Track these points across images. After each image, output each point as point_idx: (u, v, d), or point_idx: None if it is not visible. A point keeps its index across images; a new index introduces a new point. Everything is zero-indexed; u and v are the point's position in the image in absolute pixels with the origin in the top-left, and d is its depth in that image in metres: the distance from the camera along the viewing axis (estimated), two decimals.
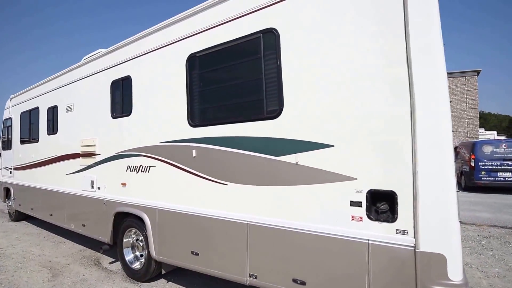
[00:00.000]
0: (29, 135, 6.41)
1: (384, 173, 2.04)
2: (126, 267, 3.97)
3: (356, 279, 2.13)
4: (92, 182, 4.47)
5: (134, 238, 4.02)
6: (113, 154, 4.13)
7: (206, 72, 3.04)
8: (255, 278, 2.60)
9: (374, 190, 2.08)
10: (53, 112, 5.56)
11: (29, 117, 6.41)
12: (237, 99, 2.81)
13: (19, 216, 7.34)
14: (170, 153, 3.34)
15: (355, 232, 2.14)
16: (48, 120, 5.71)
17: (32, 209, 6.20)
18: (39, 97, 6.05)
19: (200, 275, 3.90)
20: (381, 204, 2.06)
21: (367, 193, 2.10)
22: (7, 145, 7.49)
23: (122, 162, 3.97)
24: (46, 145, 5.72)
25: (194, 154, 3.09)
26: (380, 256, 2.04)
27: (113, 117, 4.16)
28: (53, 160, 5.49)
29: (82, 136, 4.74)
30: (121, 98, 4.05)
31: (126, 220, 4.00)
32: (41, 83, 6.01)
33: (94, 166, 4.46)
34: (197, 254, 3.04)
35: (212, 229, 2.93)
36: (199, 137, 3.06)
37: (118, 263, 4.44)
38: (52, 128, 5.57)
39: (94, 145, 4.46)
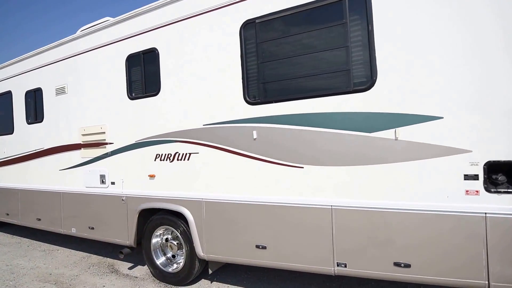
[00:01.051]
0: None
1: (505, 144, 1.95)
2: (158, 271, 3.45)
3: (471, 255, 2.03)
4: (103, 176, 3.80)
5: (165, 237, 3.51)
6: (133, 142, 3.52)
7: (270, 41, 2.66)
8: (345, 266, 2.38)
9: (493, 161, 1.97)
10: (35, 96, 4.61)
11: None
12: (313, 71, 2.49)
13: None
14: (220, 136, 2.91)
15: (470, 206, 2.02)
16: (27, 106, 4.73)
17: (7, 214, 5.16)
18: (11, 79, 4.97)
19: (247, 271, 3.58)
20: (498, 176, 1.98)
21: (484, 165, 1.99)
22: None
23: (148, 150, 3.40)
24: (26, 137, 4.75)
25: (255, 136, 2.72)
26: (500, 228, 1.96)
27: (132, 98, 3.53)
28: (38, 155, 4.58)
29: (84, 123, 3.99)
30: (143, 74, 3.44)
31: (153, 218, 3.47)
32: (13, 62, 4.94)
33: (104, 158, 3.79)
34: (264, 248, 2.71)
35: (284, 218, 2.62)
36: (262, 116, 2.69)
37: (140, 267, 3.90)
38: (35, 116, 4.63)
39: (104, 133, 3.77)
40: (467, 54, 2.03)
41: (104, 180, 3.80)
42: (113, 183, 3.73)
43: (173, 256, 3.51)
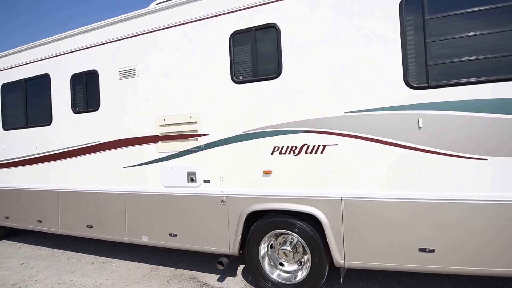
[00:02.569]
0: (25, 116, 4.42)
1: None
2: (271, 283, 2.97)
3: None
4: (192, 173, 3.25)
5: (269, 243, 3.05)
6: (239, 133, 3.03)
7: (446, 17, 2.35)
8: None
9: None
10: (85, 80, 3.88)
11: (25, 90, 4.40)
12: (507, 52, 2.23)
13: None
14: (370, 125, 2.55)
15: None
16: (74, 92, 3.99)
17: (40, 221, 4.31)
18: (48, 60, 4.17)
19: (361, 276, 3.22)
20: None
21: None
22: None
23: (262, 142, 2.93)
24: (71, 129, 4.00)
25: (421, 125, 2.40)
26: None
27: (238, 82, 3.04)
28: (89, 149, 3.86)
29: (163, 112, 3.40)
30: (254, 54, 2.97)
31: (263, 222, 3.00)
32: (51, 40, 4.15)
33: (195, 152, 3.24)
34: (431, 251, 2.39)
35: (462, 216, 2.32)
36: (430, 102, 2.38)
37: (230, 278, 3.40)
38: (86, 103, 3.90)
39: (195, 123, 3.22)
40: None
41: (193, 178, 3.25)
42: (207, 181, 3.19)
43: (281, 264, 3.08)
